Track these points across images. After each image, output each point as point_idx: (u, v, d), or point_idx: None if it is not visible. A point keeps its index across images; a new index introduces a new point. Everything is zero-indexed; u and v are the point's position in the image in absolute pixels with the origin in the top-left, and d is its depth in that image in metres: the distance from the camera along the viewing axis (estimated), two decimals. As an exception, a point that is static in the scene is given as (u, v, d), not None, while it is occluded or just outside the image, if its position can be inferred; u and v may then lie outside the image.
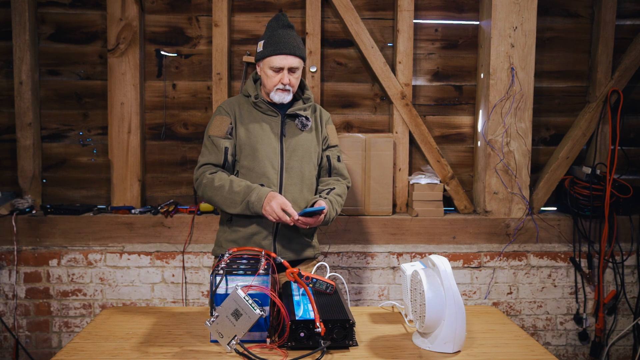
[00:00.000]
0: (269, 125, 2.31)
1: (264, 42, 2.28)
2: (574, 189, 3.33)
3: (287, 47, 2.24)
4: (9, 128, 3.33)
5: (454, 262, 3.29)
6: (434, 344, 1.79)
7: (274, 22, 2.31)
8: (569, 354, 3.42)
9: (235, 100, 2.39)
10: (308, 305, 1.87)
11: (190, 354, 1.75)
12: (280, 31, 2.26)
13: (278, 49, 2.23)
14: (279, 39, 2.24)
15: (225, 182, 2.21)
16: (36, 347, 3.24)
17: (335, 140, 2.48)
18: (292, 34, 2.27)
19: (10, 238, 3.16)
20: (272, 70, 2.25)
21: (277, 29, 2.27)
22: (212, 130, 2.31)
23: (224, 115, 2.32)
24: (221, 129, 2.30)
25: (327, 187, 2.37)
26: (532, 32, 3.23)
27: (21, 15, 3.20)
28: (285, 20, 2.30)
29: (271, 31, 2.28)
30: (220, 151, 2.27)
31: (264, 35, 2.31)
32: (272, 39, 2.25)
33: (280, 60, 2.23)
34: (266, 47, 2.26)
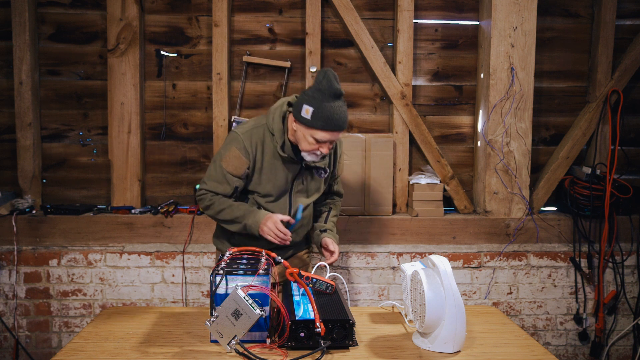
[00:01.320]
0: (287, 171, 2.26)
1: (313, 112, 2.06)
2: (574, 189, 3.33)
3: (338, 124, 2.08)
4: (9, 128, 3.33)
5: (454, 262, 3.29)
6: (434, 344, 1.79)
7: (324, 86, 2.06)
8: (569, 354, 3.42)
9: (258, 135, 2.22)
10: (308, 305, 1.87)
11: (190, 354, 1.75)
12: (334, 104, 2.06)
13: (328, 126, 2.07)
14: (331, 114, 2.05)
15: (225, 205, 2.24)
16: (36, 347, 3.24)
17: (342, 170, 2.52)
18: (343, 107, 2.10)
19: (10, 238, 3.16)
20: (313, 138, 2.11)
21: (330, 99, 2.06)
22: (228, 166, 2.21)
23: (243, 156, 2.20)
24: (237, 168, 2.21)
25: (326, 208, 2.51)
26: (532, 32, 3.23)
27: (21, 15, 3.20)
28: (336, 87, 2.06)
29: (321, 100, 2.05)
30: (230, 186, 2.24)
31: (311, 98, 2.07)
32: (324, 112, 2.05)
33: (328, 136, 2.09)
34: (315, 119, 2.06)
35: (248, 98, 3.39)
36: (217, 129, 3.31)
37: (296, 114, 2.11)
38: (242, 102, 3.38)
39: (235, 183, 2.23)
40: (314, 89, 2.07)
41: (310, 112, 2.06)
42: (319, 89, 2.06)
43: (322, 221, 2.47)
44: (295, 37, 3.38)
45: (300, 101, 2.10)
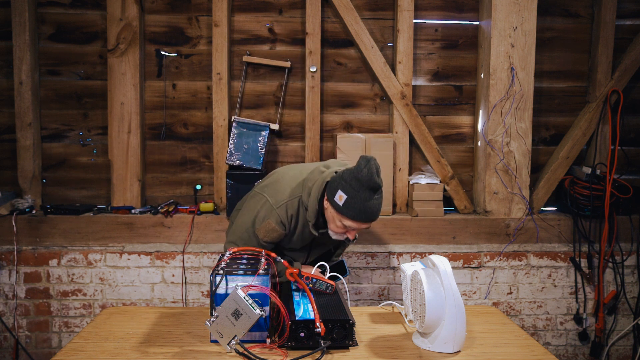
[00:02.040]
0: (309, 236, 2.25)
1: (346, 200, 1.98)
2: (574, 189, 3.33)
3: (370, 218, 2.01)
4: (9, 128, 3.33)
5: (454, 262, 3.29)
6: (434, 344, 1.79)
7: (364, 177, 1.96)
8: (569, 354, 3.42)
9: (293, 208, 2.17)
10: (308, 305, 1.87)
11: (190, 354, 1.75)
12: (369, 197, 1.98)
13: (359, 218, 2.00)
14: (364, 207, 1.98)
15: None
16: (36, 347, 3.24)
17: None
18: (379, 200, 2.01)
19: (10, 238, 3.16)
20: (342, 224, 2.06)
21: (367, 191, 1.97)
22: (265, 237, 2.17)
23: (280, 229, 2.16)
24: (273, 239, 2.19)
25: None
26: (532, 32, 3.23)
27: (21, 15, 3.20)
28: (376, 181, 1.97)
29: (358, 190, 1.97)
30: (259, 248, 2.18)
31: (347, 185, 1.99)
32: (357, 203, 1.97)
33: (355, 225, 2.04)
34: (346, 208, 1.99)
35: (248, 98, 3.39)
36: (217, 129, 3.31)
37: (329, 196, 2.04)
38: (242, 102, 3.38)
39: (266, 247, 2.20)
40: (353, 177, 1.98)
41: (344, 199, 1.98)
42: (358, 178, 1.97)
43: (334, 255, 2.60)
44: (295, 37, 3.38)
45: (336, 185, 2.02)
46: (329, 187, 2.06)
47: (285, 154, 3.45)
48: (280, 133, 3.42)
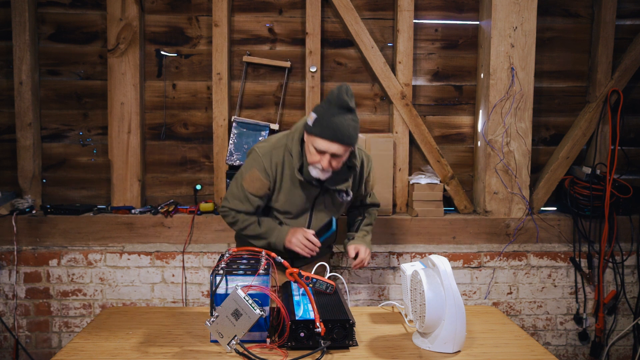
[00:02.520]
0: (306, 192, 2.27)
1: (316, 119, 2.08)
2: (574, 189, 3.33)
3: (336, 135, 2.05)
4: (9, 128, 3.33)
5: (454, 262, 3.29)
6: (434, 344, 1.79)
7: (334, 97, 2.07)
8: (569, 354, 3.42)
9: (278, 156, 2.24)
10: (308, 305, 1.87)
11: (190, 354, 1.75)
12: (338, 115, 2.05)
13: (326, 134, 2.05)
14: (332, 123, 2.04)
15: (250, 222, 2.30)
16: (36, 347, 3.24)
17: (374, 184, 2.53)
18: (347, 120, 2.06)
19: (10, 238, 3.16)
20: (314, 148, 2.10)
21: (335, 109, 2.05)
22: (249, 187, 2.25)
23: (263, 177, 2.23)
24: (258, 189, 2.25)
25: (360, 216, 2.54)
26: (532, 32, 3.23)
27: (21, 15, 3.20)
28: (346, 99, 2.06)
29: (327, 109, 2.07)
30: (252, 205, 2.28)
31: (319, 107, 2.11)
32: (325, 120, 2.05)
33: (324, 145, 2.07)
34: (315, 126, 2.07)
35: (248, 98, 3.39)
36: (217, 129, 3.31)
37: (306, 124, 2.14)
38: (242, 102, 3.38)
39: (257, 202, 2.27)
40: (325, 100, 2.10)
41: (314, 119, 2.08)
42: (328, 99, 2.08)
43: (354, 229, 2.52)
44: (295, 37, 3.38)
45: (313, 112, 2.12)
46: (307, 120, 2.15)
47: (285, 154, 3.44)
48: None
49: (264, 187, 2.24)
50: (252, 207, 2.27)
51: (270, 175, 2.23)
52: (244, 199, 2.26)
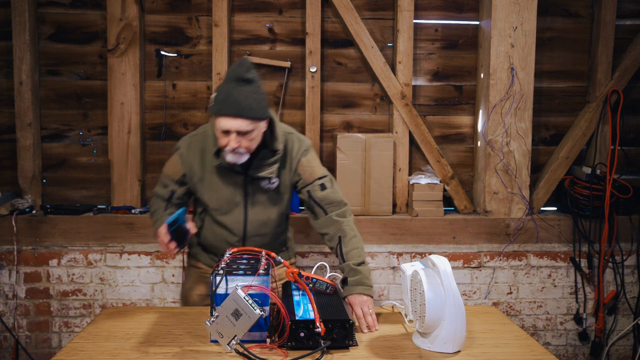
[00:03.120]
0: (230, 182, 2.09)
1: (215, 97, 1.91)
2: (574, 189, 3.33)
3: (233, 108, 1.87)
4: (9, 128, 3.33)
5: (454, 262, 3.29)
6: (434, 344, 1.79)
7: (230, 72, 1.92)
8: (569, 354, 3.42)
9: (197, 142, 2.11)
10: (308, 305, 1.87)
11: (190, 354, 1.75)
12: (233, 87, 1.88)
13: (223, 110, 1.88)
14: (226, 97, 1.87)
15: (154, 209, 2.22)
16: (36, 347, 3.24)
17: (316, 173, 2.16)
18: (246, 91, 1.88)
19: (10, 238, 3.16)
20: (219, 130, 1.93)
21: (230, 82, 1.89)
22: (167, 169, 2.21)
23: (180, 162, 2.14)
24: (173, 173, 2.17)
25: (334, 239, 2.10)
26: (532, 32, 3.23)
27: (21, 15, 3.20)
28: (241, 71, 1.89)
29: (224, 85, 1.91)
30: (166, 189, 2.20)
31: (220, 85, 1.95)
32: (220, 95, 1.89)
33: (225, 123, 1.89)
34: (214, 105, 1.91)
35: (248, 98, 3.39)
36: (217, 129, 3.31)
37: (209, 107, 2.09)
38: (242, 102, 3.38)
39: (172, 187, 2.17)
40: (224, 78, 1.94)
41: (213, 98, 1.92)
42: (226, 76, 1.93)
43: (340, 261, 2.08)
44: (295, 37, 3.38)
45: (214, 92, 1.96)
46: None
47: (285, 154, 3.44)
48: (280, 133, 3.41)
49: (179, 172, 2.14)
50: (166, 192, 2.18)
51: (187, 162, 2.11)
52: (162, 183, 2.21)
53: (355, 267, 2.03)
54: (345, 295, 2.02)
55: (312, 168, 2.16)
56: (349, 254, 2.06)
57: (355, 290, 2.00)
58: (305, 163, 2.15)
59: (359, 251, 2.08)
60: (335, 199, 2.15)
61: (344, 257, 2.06)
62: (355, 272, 2.02)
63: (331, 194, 2.15)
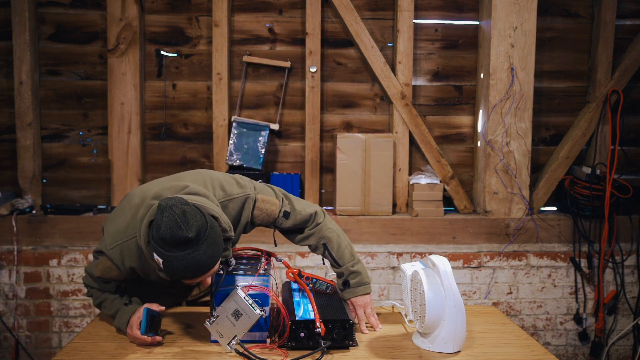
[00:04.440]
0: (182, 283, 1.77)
1: (163, 263, 1.57)
2: (574, 189, 3.33)
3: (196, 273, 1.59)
4: (9, 128, 3.33)
5: (454, 262, 3.29)
6: (434, 344, 1.79)
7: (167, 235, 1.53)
8: (569, 354, 3.42)
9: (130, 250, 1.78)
10: (308, 305, 1.87)
11: (190, 354, 1.75)
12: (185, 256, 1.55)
13: (187, 277, 1.61)
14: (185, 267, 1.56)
15: (100, 301, 1.92)
16: (36, 347, 3.24)
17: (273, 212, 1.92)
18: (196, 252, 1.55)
19: (10, 238, 3.16)
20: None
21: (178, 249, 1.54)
22: (104, 274, 1.83)
23: (116, 269, 1.81)
24: (115, 277, 1.84)
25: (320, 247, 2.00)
26: (532, 32, 3.23)
27: (21, 15, 3.20)
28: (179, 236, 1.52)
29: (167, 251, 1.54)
30: (110, 286, 1.89)
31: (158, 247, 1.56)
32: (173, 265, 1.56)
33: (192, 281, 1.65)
34: (169, 272, 1.59)
35: (248, 98, 3.39)
36: (217, 129, 3.31)
37: (149, 254, 1.64)
38: (242, 102, 3.38)
39: (115, 283, 1.88)
40: (157, 235, 1.55)
41: (162, 264, 1.58)
42: (160, 236, 1.54)
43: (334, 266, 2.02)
44: (295, 37, 3.38)
45: (150, 247, 1.60)
46: (150, 246, 1.62)
47: (285, 154, 3.45)
48: (280, 133, 3.42)
49: (120, 276, 1.83)
50: (111, 287, 1.89)
51: (124, 269, 1.81)
52: (99, 281, 1.87)
53: (353, 269, 2.00)
54: (347, 297, 1.99)
55: (267, 212, 1.92)
56: (342, 257, 2.00)
57: (357, 292, 1.99)
58: (259, 213, 1.91)
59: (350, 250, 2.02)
60: (304, 218, 1.98)
61: (336, 261, 1.99)
62: (355, 274, 2.00)
63: (297, 215, 1.97)
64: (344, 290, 2.01)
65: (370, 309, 1.98)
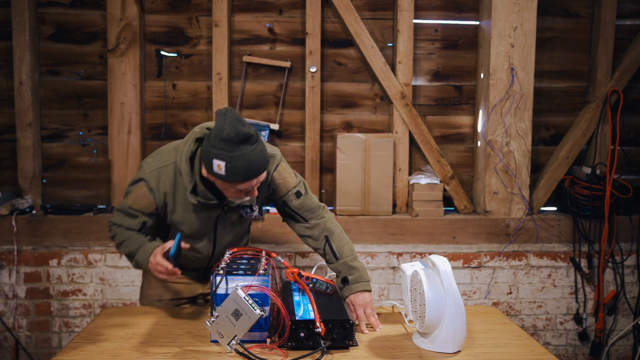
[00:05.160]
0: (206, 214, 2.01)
1: (226, 166, 1.75)
2: (574, 189, 3.33)
3: (258, 171, 1.80)
4: (9, 128, 3.33)
5: (454, 262, 3.29)
6: (434, 344, 1.79)
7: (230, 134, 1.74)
8: (569, 354, 3.42)
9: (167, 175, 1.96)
10: (308, 305, 1.87)
11: (190, 354, 1.75)
12: (246, 152, 1.75)
13: (249, 177, 1.79)
14: (247, 164, 1.76)
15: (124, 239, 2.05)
16: (36, 347, 3.24)
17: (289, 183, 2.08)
18: (257, 149, 1.78)
19: (10, 238, 3.16)
20: (235, 189, 1.85)
21: (240, 146, 1.75)
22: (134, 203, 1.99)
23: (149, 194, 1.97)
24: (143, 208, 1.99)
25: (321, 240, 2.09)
26: (532, 32, 3.23)
27: (21, 15, 3.20)
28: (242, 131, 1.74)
29: (231, 150, 1.74)
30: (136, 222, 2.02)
31: (219, 150, 1.76)
32: (237, 165, 1.75)
33: (246, 185, 1.83)
34: (230, 174, 1.77)
35: (248, 98, 3.39)
36: (217, 129, 3.31)
37: (209, 169, 1.82)
38: (242, 102, 3.38)
39: (143, 219, 2.01)
40: (219, 139, 1.75)
41: (223, 167, 1.76)
42: (223, 138, 1.74)
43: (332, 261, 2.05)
44: (295, 37, 3.38)
45: (208, 155, 1.79)
46: (204, 160, 1.82)
47: (285, 153, 3.42)
48: (280, 133, 3.42)
49: (151, 205, 1.98)
50: (137, 224, 2.02)
51: (157, 197, 1.97)
52: (128, 215, 2.02)
53: (352, 265, 2.03)
54: (347, 294, 2.02)
55: (284, 180, 2.07)
56: (342, 251, 2.05)
57: (357, 288, 2.01)
58: (278, 177, 2.06)
59: (350, 246, 2.08)
60: (312, 205, 2.10)
61: (336, 254, 2.04)
62: (354, 269, 2.03)
63: (307, 200, 2.09)
64: (343, 287, 2.03)
65: (371, 309, 2.00)
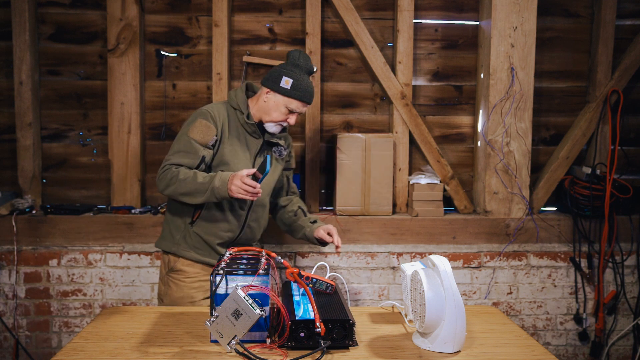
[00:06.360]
0: (248, 147, 2.41)
1: (293, 83, 2.32)
2: (574, 189, 3.33)
3: (310, 98, 2.37)
4: (9, 128, 3.33)
5: (454, 262, 3.29)
6: (434, 344, 1.79)
7: (302, 63, 2.35)
8: (569, 354, 3.42)
9: (223, 109, 2.39)
10: (308, 305, 1.87)
11: (190, 354, 1.75)
12: (307, 79, 2.36)
13: (305, 97, 2.34)
14: (307, 87, 2.34)
15: (190, 174, 2.22)
16: (36, 347, 3.25)
17: (293, 162, 2.69)
18: (312, 84, 2.39)
19: (10, 238, 3.16)
20: (286, 108, 2.34)
21: (306, 74, 2.36)
22: (196, 135, 2.28)
23: (210, 123, 2.30)
24: (205, 136, 2.29)
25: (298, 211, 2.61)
26: (532, 32, 3.23)
27: (21, 15, 3.20)
28: (311, 65, 2.38)
29: (300, 74, 2.33)
30: (196, 157, 2.28)
31: (290, 71, 2.33)
32: (301, 84, 2.32)
33: (301, 107, 2.36)
34: (294, 89, 2.32)
35: (248, 98, 3.39)
36: (217, 129, 3.31)
37: (272, 85, 2.33)
38: (242, 102, 3.38)
39: (203, 152, 2.28)
40: (292, 64, 2.34)
41: (290, 83, 2.31)
42: (296, 64, 2.34)
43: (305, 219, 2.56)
44: (295, 37, 3.38)
45: (278, 74, 2.33)
46: (270, 79, 2.35)
47: (285, 154, 3.44)
48: (280, 133, 3.42)
49: (212, 132, 2.29)
50: (197, 159, 2.26)
51: (218, 124, 2.31)
52: (190, 150, 2.27)
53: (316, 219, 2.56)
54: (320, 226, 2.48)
55: (294, 158, 2.69)
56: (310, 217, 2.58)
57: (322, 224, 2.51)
58: (293, 152, 2.66)
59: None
60: (296, 189, 2.75)
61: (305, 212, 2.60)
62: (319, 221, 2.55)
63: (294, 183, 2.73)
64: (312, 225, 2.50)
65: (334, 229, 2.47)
